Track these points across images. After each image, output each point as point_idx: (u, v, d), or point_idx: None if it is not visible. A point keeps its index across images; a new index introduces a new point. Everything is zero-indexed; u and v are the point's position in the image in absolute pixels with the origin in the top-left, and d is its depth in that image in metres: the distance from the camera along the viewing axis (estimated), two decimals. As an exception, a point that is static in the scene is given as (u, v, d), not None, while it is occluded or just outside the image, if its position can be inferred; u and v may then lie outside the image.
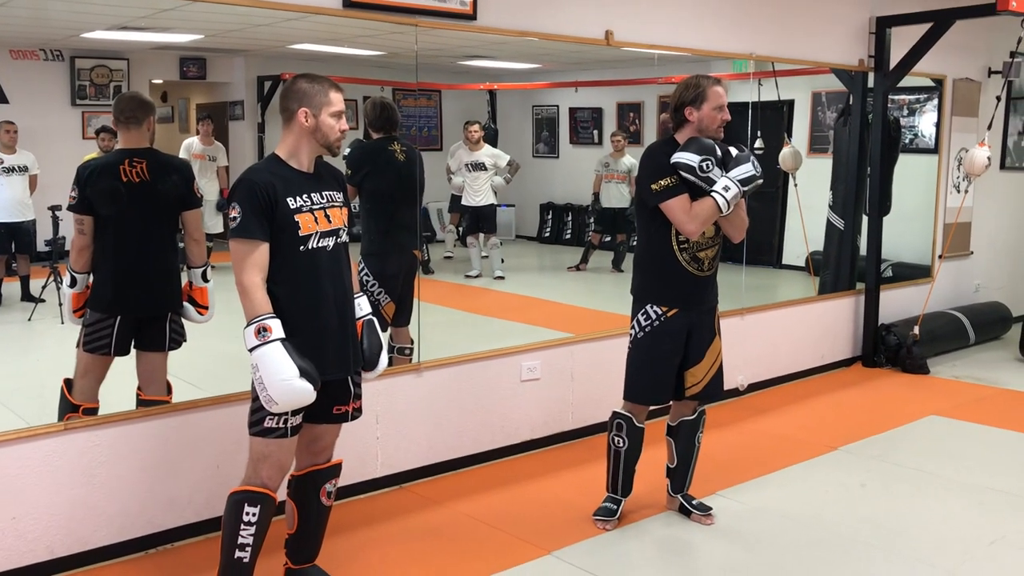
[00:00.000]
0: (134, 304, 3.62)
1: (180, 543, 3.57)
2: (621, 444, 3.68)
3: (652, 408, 3.81)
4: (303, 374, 2.67)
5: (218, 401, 3.68)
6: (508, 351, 4.62)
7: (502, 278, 7.92)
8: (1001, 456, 4.77)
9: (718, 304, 3.69)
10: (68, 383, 3.63)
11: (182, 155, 6.21)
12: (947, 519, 3.91)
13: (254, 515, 2.81)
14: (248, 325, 2.70)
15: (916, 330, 6.53)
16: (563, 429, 4.82)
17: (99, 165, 3.60)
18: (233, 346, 4.02)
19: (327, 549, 3.25)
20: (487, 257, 7.95)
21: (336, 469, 3.10)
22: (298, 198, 2.80)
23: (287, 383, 2.65)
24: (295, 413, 2.81)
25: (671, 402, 3.76)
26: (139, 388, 3.72)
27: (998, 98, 6.96)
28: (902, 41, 6.28)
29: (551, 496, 4.11)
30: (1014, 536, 3.73)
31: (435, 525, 3.76)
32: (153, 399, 3.66)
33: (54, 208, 5.03)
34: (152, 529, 3.51)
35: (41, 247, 5.46)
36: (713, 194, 3.36)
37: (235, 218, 2.71)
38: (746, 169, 3.38)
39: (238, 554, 2.82)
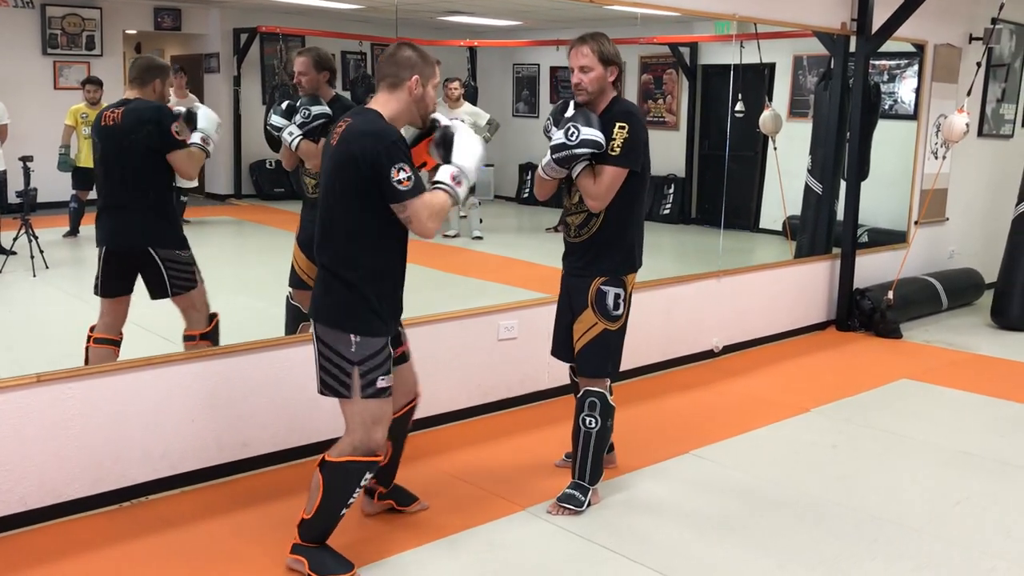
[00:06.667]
0: (105, 235, 3.81)
1: (155, 496, 3.57)
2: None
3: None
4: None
5: (193, 356, 3.67)
6: (486, 310, 4.62)
7: (480, 238, 7.90)
8: (969, 419, 4.85)
9: (598, 277, 3.47)
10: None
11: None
12: (915, 480, 3.98)
13: (367, 479, 2.97)
14: (452, 184, 2.89)
15: (890, 295, 6.59)
16: (539, 388, 4.84)
17: (96, 116, 3.90)
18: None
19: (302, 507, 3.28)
20: (465, 217, 7.91)
21: (417, 401, 3.40)
22: None
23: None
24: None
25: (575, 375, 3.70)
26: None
27: (978, 64, 6.97)
28: (885, 5, 6.26)
29: (526, 453, 4.14)
30: (978, 497, 3.80)
31: (412, 481, 3.77)
32: (190, 334, 3.91)
33: (25, 159, 4.94)
34: (126, 482, 3.51)
35: (12, 198, 5.37)
36: None
37: (409, 178, 2.76)
38: (555, 137, 3.36)
39: (344, 511, 2.98)
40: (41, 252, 5.18)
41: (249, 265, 4.06)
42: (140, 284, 3.88)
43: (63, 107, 5.48)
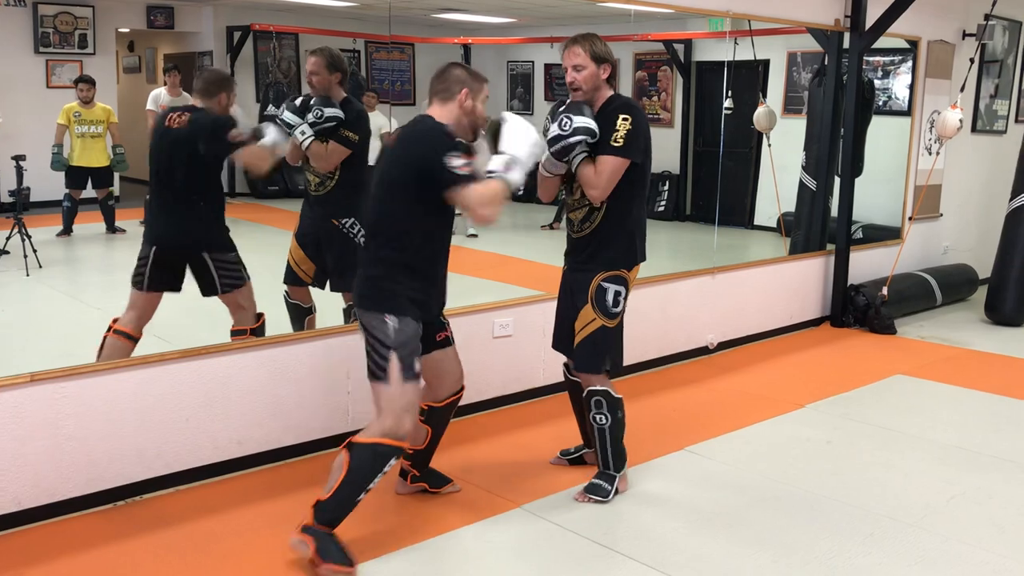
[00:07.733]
0: (158, 235, 3.91)
1: (149, 495, 3.56)
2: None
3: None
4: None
5: (187, 354, 3.66)
6: (481, 308, 4.62)
7: (475, 236, 7.90)
8: (963, 414, 4.86)
9: (601, 272, 3.51)
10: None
11: (150, 106, 6.10)
12: (909, 475, 3.99)
13: (391, 464, 3.06)
14: (502, 170, 3.06)
15: (885, 291, 6.61)
16: (534, 385, 4.85)
17: (159, 115, 4.07)
18: (200, 299, 4.00)
19: (301, 501, 3.27)
20: (460, 215, 7.90)
21: (462, 393, 3.54)
22: None
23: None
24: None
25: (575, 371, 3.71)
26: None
27: (972, 60, 6.99)
28: (878, 1, 6.27)
29: (521, 451, 4.14)
30: (973, 492, 3.81)
31: (406, 479, 3.78)
32: (238, 328, 4.04)
33: (18, 158, 4.94)
34: (121, 481, 3.50)
35: (4, 197, 5.36)
36: None
37: (466, 164, 2.99)
38: (551, 131, 3.36)
39: (362, 496, 3.04)
40: (35, 251, 5.18)
41: (245, 264, 4.12)
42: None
43: (56, 106, 5.48)
